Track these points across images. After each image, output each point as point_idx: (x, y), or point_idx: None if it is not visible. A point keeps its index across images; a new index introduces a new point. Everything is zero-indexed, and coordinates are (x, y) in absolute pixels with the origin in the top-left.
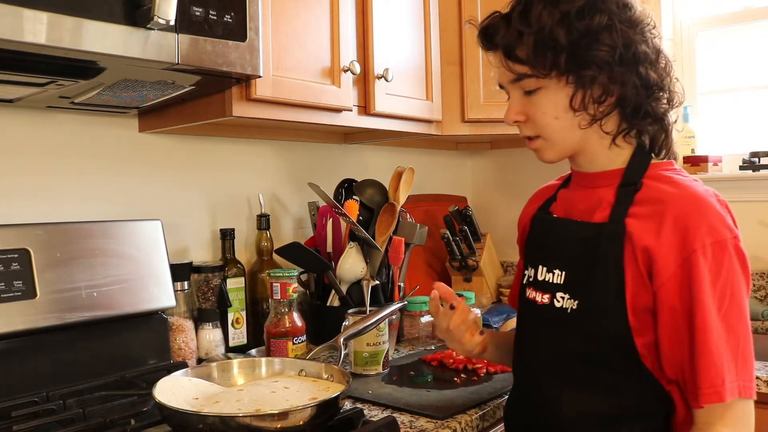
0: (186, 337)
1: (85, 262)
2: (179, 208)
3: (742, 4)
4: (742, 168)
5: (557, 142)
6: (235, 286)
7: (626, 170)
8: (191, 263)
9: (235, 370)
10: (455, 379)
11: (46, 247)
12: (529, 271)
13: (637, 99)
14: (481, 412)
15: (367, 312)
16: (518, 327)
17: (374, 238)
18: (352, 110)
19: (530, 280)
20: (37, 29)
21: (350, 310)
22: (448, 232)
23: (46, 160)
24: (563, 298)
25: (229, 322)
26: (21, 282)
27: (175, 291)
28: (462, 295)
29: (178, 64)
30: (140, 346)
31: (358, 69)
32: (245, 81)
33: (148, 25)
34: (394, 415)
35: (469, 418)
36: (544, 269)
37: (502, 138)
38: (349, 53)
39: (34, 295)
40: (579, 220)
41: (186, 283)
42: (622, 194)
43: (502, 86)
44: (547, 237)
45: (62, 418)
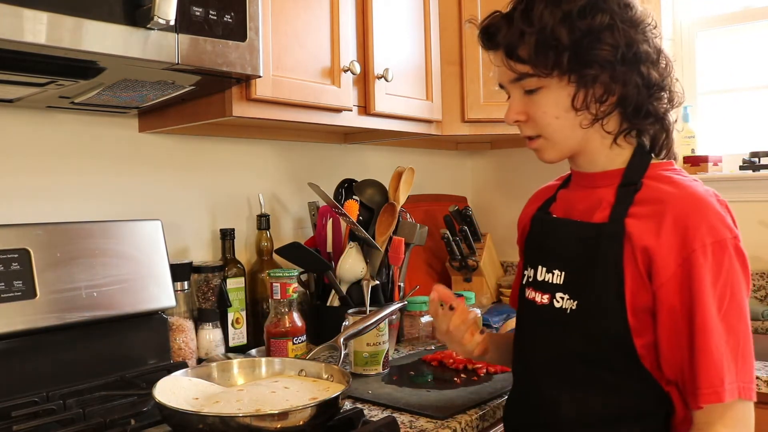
0: (186, 337)
1: (85, 262)
2: (179, 208)
3: (742, 4)
4: (742, 168)
5: (558, 142)
6: (235, 286)
7: (626, 170)
8: (191, 263)
9: (235, 370)
10: (455, 379)
11: (46, 247)
12: (528, 271)
13: (639, 98)
14: (481, 412)
15: (367, 312)
16: (518, 327)
17: (374, 238)
18: (352, 110)
19: (530, 280)
20: (37, 29)
21: (350, 310)
22: (448, 232)
23: (46, 160)
24: (563, 298)
25: (229, 322)
26: (21, 282)
27: (175, 291)
28: (461, 296)
29: (178, 64)
30: (140, 346)
31: (358, 69)
32: (245, 81)
33: (148, 25)
34: (394, 415)
35: (469, 418)
36: (544, 269)
37: (502, 138)
38: (349, 53)
39: (34, 295)
40: (579, 221)
41: (186, 283)
42: (622, 194)
43: (502, 86)
44: (547, 237)
45: (62, 418)
